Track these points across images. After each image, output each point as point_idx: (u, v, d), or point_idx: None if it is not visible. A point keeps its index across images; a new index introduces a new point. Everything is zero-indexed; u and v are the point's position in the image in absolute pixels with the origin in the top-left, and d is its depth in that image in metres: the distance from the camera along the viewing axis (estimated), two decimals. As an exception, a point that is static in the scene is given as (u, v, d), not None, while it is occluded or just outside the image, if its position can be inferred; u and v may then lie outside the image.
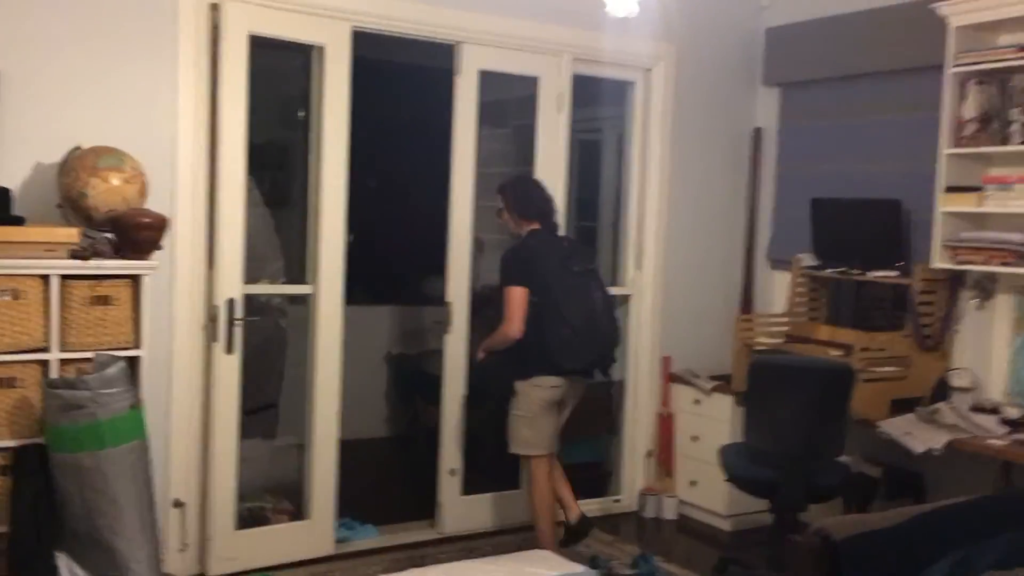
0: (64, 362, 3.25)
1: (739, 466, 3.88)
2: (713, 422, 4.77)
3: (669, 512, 4.92)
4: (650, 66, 4.87)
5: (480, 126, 4.45)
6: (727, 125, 5.14)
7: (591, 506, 4.89)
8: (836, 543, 2.30)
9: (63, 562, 3.15)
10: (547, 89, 4.59)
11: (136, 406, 3.19)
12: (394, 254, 5.87)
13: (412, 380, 5.80)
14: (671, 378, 5.00)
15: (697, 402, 4.87)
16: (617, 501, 5.01)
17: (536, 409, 3.92)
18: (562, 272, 3.85)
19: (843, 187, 4.71)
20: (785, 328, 4.72)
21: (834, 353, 4.22)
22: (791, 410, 3.63)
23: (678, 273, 5.02)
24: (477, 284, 4.56)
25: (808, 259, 4.69)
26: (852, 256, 4.47)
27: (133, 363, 3.34)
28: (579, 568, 3.48)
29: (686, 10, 4.87)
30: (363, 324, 5.18)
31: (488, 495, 4.61)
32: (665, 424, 4.98)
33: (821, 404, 3.62)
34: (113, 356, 3.22)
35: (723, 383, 4.75)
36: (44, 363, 3.22)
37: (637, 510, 4.99)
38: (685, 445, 4.93)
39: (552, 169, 4.62)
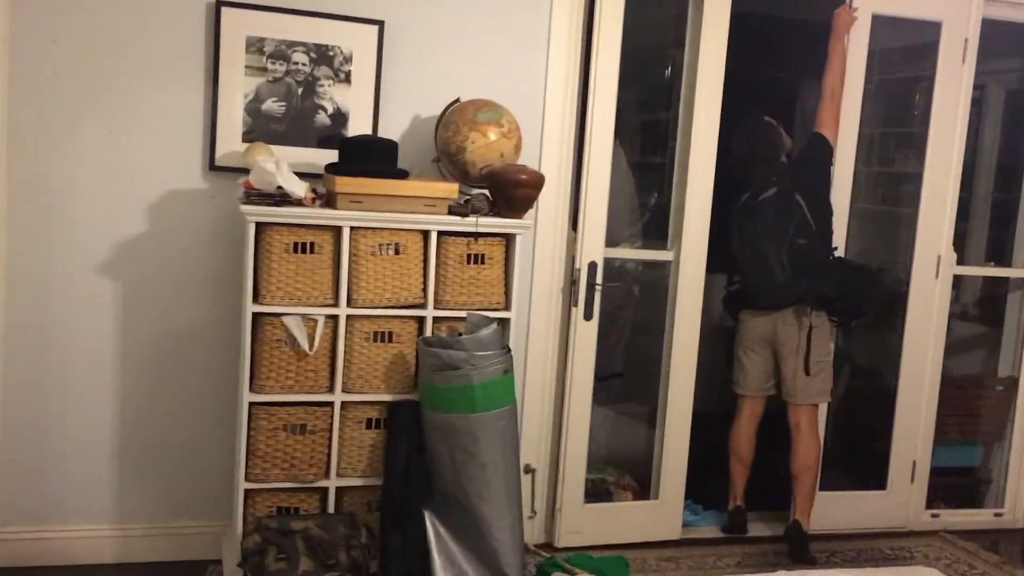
0: (437, 319, 3.20)
1: None
2: None
3: (1066, 535, 4.20)
4: (1080, 6, 4.08)
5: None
6: None
7: (960, 517, 4.29)
8: None
9: (429, 521, 3.11)
10: (950, 36, 3.97)
11: (508, 371, 3.06)
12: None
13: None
14: (1079, 378, 4.24)
15: (1115, 410, 4.09)
16: (999, 515, 4.35)
17: None
18: None
19: None
20: None
21: None
22: None
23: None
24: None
25: None
26: None
27: (502, 325, 3.22)
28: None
29: None
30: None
31: (845, 493, 4.15)
32: (1067, 433, 4.24)
33: None
34: (485, 317, 3.11)
35: None
36: (419, 320, 3.18)
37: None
38: (1093, 459, 4.17)
39: (950, 127, 4.01)
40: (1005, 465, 4.38)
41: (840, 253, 3.90)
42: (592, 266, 3.64)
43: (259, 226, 2.98)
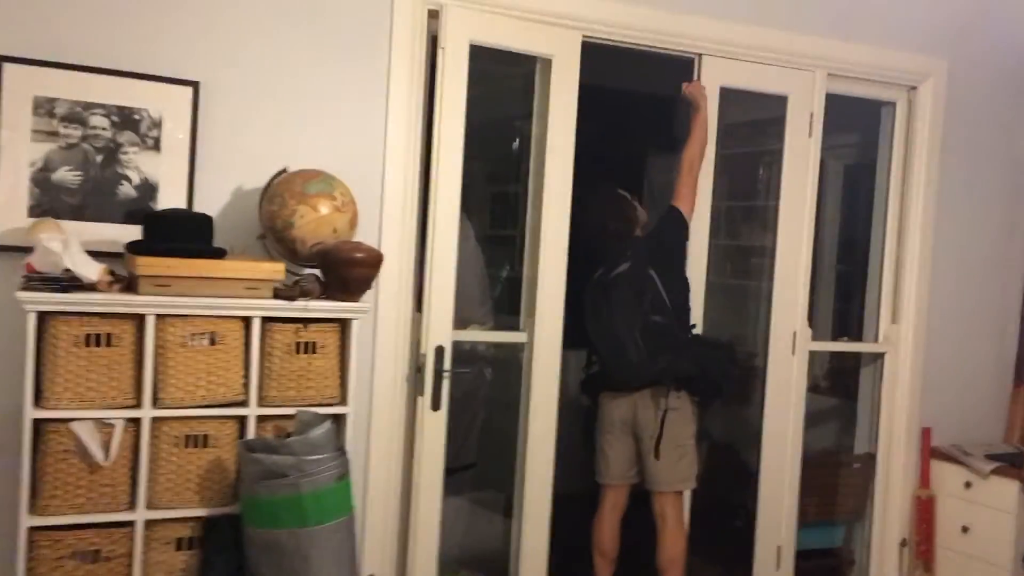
0: (262, 418, 2.79)
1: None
2: (990, 512, 3.95)
3: (929, 616, 4.11)
4: (916, 84, 4.13)
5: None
6: (1002, 154, 4.34)
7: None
8: None
9: (253, 656, 2.66)
10: (796, 109, 3.93)
11: (344, 476, 2.68)
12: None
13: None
14: (933, 454, 4.20)
15: (968, 485, 4.04)
16: (864, 598, 4.23)
17: None
18: None
19: None
20: (1087, 401, 3.87)
21: None
22: None
23: (942, 328, 4.23)
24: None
25: (1121, 317, 3.84)
26: None
27: (338, 422, 2.85)
28: None
29: (959, 19, 4.14)
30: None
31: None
32: (924, 509, 4.17)
33: None
34: (317, 414, 2.73)
35: (1006, 465, 3.92)
36: (240, 420, 2.76)
37: (888, 610, 4.20)
38: (951, 536, 4.11)
39: (799, 201, 3.95)
40: (867, 545, 4.28)
41: (699, 330, 3.74)
42: (439, 351, 3.32)
43: (43, 316, 2.52)
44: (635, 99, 4.54)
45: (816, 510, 4.31)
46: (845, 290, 4.85)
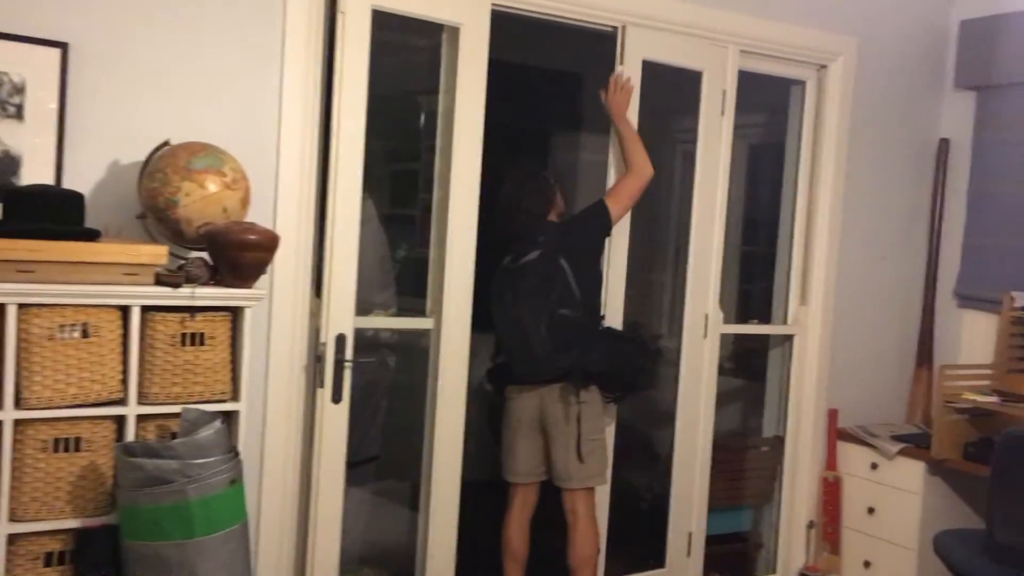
0: (143, 417, 2.53)
1: (974, 563, 3.07)
2: (896, 493, 3.96)
3: (836, 597, 4.12)
4: (827, 62, 4.09)
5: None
6: (907, 135, 4.35)
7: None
8: None
9: None
10: (710, 86, 3.82)
11: (236, 480, 2.45)
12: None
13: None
14: (840, 435, 4.20)
15: (874, 467, 4.06)
16: (771, 581, 4.22)
17: None
18: None
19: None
20: (988, 382, 3.91)
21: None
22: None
23: (849, 309, 4.23)
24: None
25: (1022, 298, 3.88)
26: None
27: (230, 420, 2.61)
28: None
29: (869, -4, 4.12)
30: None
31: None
32: (831, 491, 4.18)
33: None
34: (206, 412, 2.49)
35: (912, 446, 3.94)
36: (119, 419, 2.50)
37: (796, 592, 4.20)
38: (857, 518, 4.12)
39: (712, 182, 3.86)
40: (775, 529, 4.27)
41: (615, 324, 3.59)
42: (340, 339, 3.09)
43: None
44: (548, 75, 4.38)
45: (725, 494, 4.26)
46: (750, 272, 4.82)
